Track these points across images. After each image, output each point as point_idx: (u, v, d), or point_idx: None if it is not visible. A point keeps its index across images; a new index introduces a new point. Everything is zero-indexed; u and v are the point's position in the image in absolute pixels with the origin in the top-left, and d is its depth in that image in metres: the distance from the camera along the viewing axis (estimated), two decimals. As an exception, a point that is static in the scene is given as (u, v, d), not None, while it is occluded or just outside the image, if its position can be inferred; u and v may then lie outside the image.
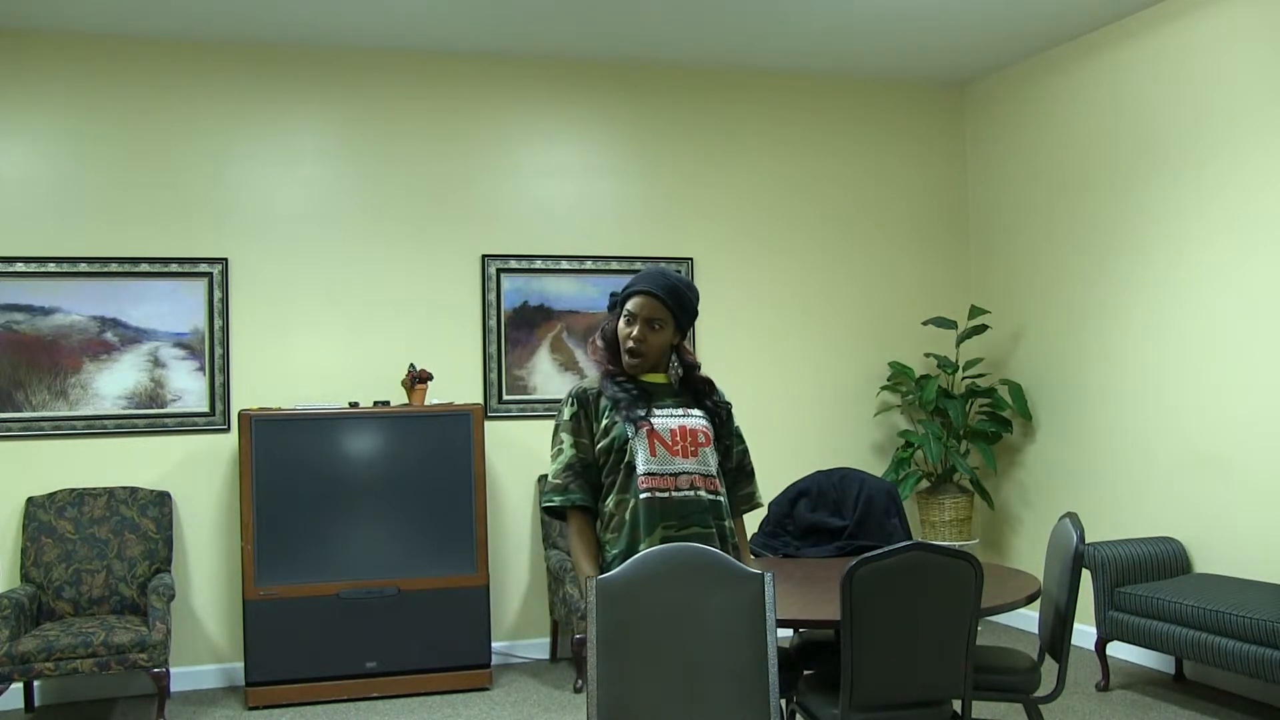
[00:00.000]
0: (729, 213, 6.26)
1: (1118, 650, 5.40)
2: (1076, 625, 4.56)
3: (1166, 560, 5.04)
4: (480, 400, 5.76)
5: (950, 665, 3.03)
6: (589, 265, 5.98)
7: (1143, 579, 4.95)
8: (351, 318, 5.68)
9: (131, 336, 5.39)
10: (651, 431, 2.82)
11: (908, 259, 6.59)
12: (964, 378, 6.38)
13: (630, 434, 2.82)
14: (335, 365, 5.62)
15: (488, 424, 5.66)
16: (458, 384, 5.75)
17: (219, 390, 5.47)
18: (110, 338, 5.37)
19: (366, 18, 5.28)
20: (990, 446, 6.22)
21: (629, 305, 2.89)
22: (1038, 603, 3.70)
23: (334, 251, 5.68)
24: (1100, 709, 4.72)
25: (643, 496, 2.78)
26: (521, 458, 5.83)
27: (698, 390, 3.00)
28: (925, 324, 6.38)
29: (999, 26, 5.65)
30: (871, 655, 2.98)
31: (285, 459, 5.10)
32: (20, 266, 5.27)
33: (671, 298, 2.88)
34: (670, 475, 2.81)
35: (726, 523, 2.89)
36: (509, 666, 5.64)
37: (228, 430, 5.46)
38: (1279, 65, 4.72)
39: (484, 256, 5.86)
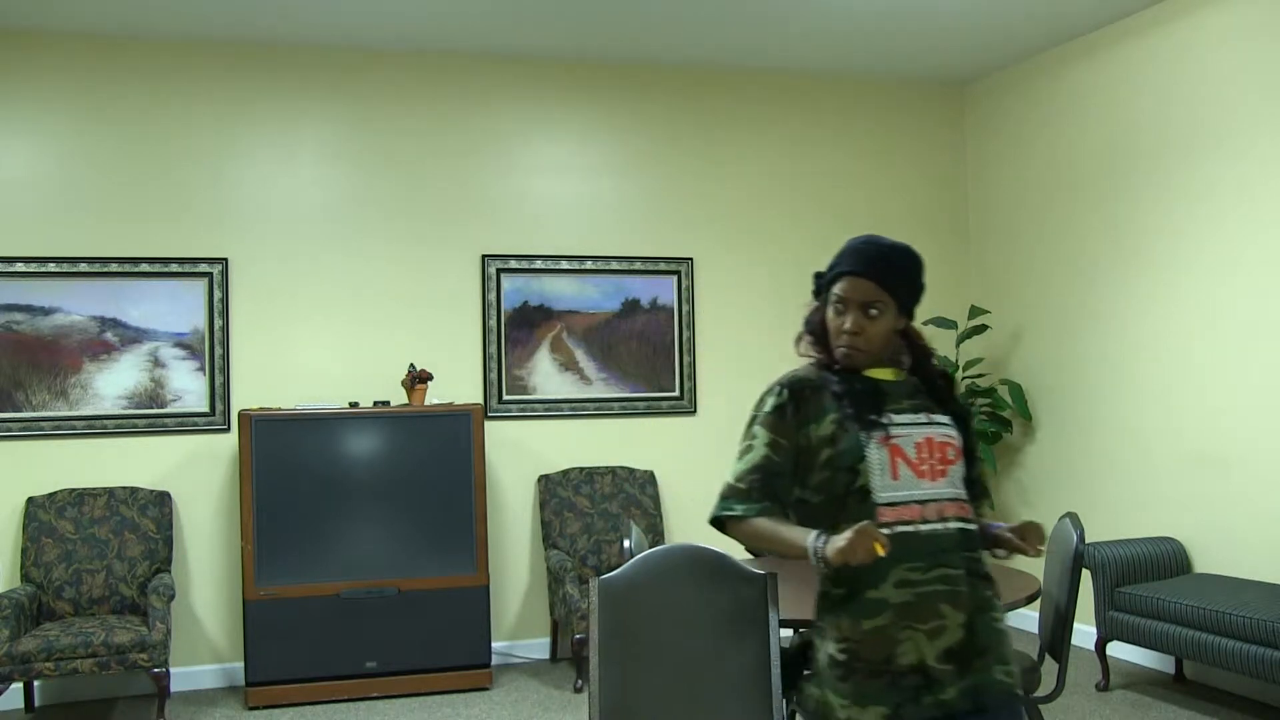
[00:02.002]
0: (729, 212, 6.26)
1: (1118, 650, 5.40)
2: (1076, 625, 4.56)
3: (1166, 560, 5.04)
4: (480, 400, 5.76)
5: (951, 665, 3.02)
6: (589, 265, 5.98)
7: (1143, 579, 4.95)
8: (351, 318, 5.68)
9: (131, 336, 5.39)
10: (893, 447, 2.20)
11: (908, 259, 6.57)
12: (964, 378, 6.38)
13: (864, 448, 2.19)
14: (335, 365, 5.62)
15: (488, 424, 5.66)
16: (458, 384, 5.75)
17: (219, 390, 5.47)
18: (110, 338, 5.37)
19: (366, 18, 5.28)
20: (990, 446, 6.22)
21: (836, 289, 2.33)
22: (1038, 603, 3.70)
23: (334, 251, 5.68)
24: (1100, 709, 4.72)
25: (882, 532, 2.10)
26: (521, 458, 5.83)
27: (936, 388, 2.36)
28: (925, 324, 6.37)
29: (999, 26, 5.65)
30: (872, 655, 2.97)
31: (285, 459, 5.10)
32: (20, 266, 5.27)
33: (889, 275, 2.30)
34: (917, 503, 2.18)
35: (978, 554, 2.24)
36: (509, 666, 5.64)
37: (228, 430, 5.46)
38: (1278, 65, 4.72)
39: (484, 256, 5.86)
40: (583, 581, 5.35)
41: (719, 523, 2.34)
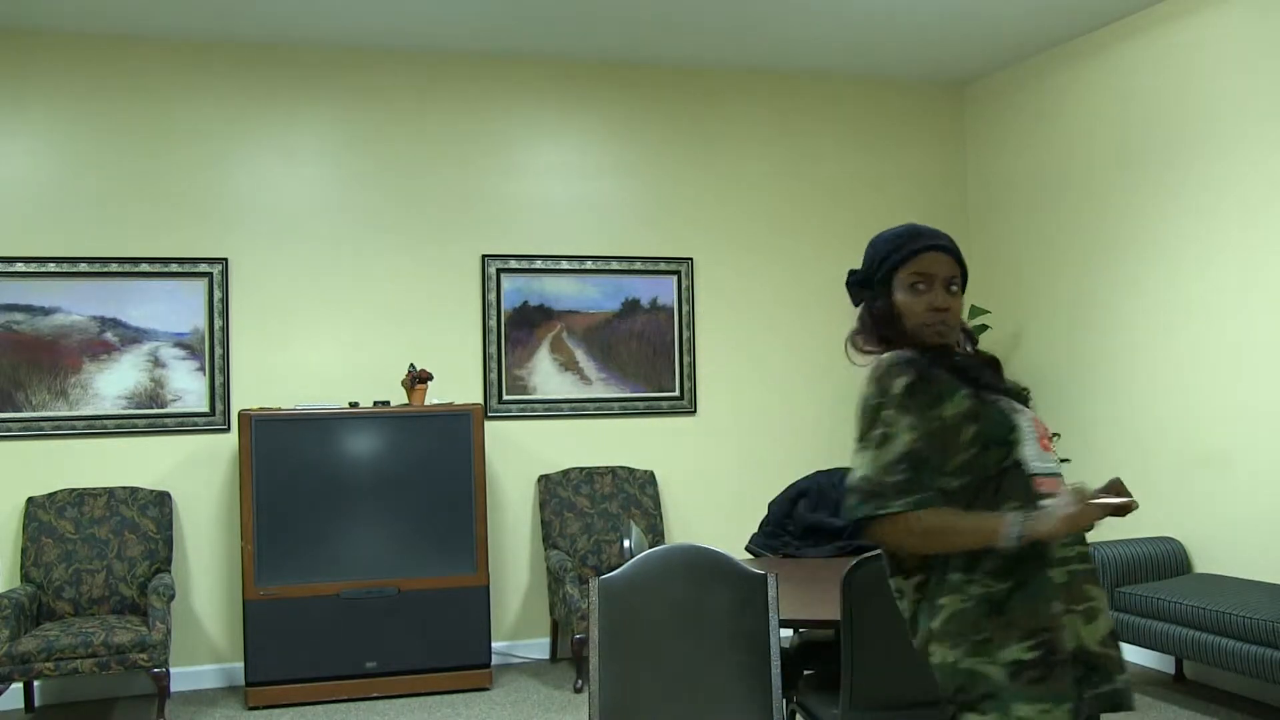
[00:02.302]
0: (729, 213, 6.26)
1: (1118, 650, 5.40)
2: (1076, 625, 4.54)
3: (1166, 560, 5.04)
4: (480, 400, 5.76)
5: (950, 665, 3.02)
6: (589, 265, 5.98)
7: (1143, 579, 4.95)
8: (351, 317, 5.68)
9: (131, 336, 5.39)
10: (1033, 416, 2.13)
11: (908, 259, 6.58)
12: (964, 378, 6.37)
13: (1011, 417, 2.07)
14: (335, 365, 5.62)
15: (488, 424, 5.66)
16: (458, 384, 5.75)
17: (219, 390, 5.47)
18: (110, 338, 5.37)
19: (366, 18, 5.28)
20: (990, 446, 6.22)
21: (916, 267, 2.16)
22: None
23: (334, 251, 5.68)
24: (1100, 709, 4.72)
25: (1044, 504, 1.98)
26: (521, 458, 5.83)
27: (995, 372, 2.27)
28: (925, 324, 6.38)
29: (999, 26, 5.65)
30: (871, 655, 2.98)
31: (285, 459, 5.10)
32: (20, 266, 5.27)
33: (958, 252, 2.21)
34: (1056, 477, 2.08)
35: None
36: (509, 666, 5.64)
37: (228, 430, 5.46)
38: (1278, 64, 4.72)
39: (484, 256, 5.86)
40: (583, 581, 5.35)
41: (865, 525, 2.04)
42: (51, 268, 5.31)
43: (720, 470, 6.12)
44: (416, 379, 5.35)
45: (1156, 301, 5.36)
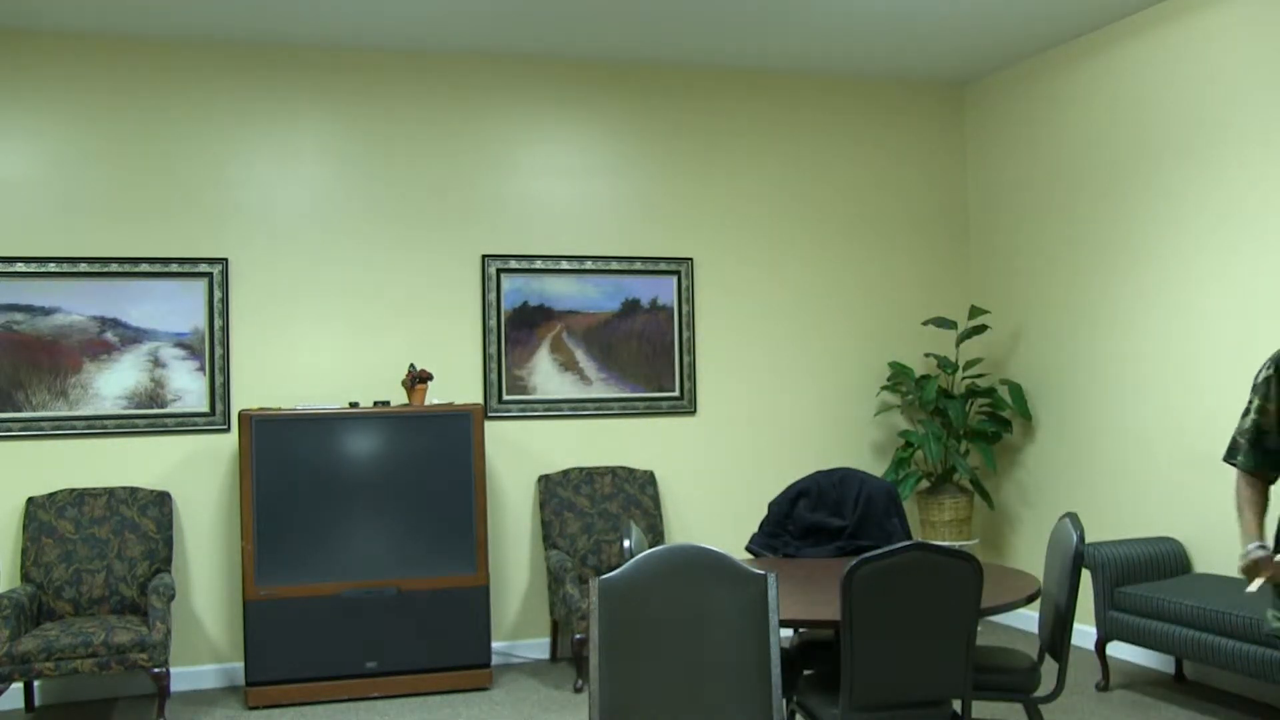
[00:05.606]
0: (729, 213, 6.27)
1: (1118, 650, 5.40)
2: (1076, 625, 4.55)
3: (1166, 560, 5.04)
4: (480, 400, 5.77)
5: (950, 665, 3.03)
6: (589, 265, 5.99)
7: (1143, 579, 4.96)
8: (351, 318, 5.69)
9: (131, 336, 5.39)
10: None
11: (908, 259, 6.59)
12: (964, 378, 6.38)
13: None
14: (335, 365, 5.62)
15: (488, 424, 5.66)
16: (458, 384, 5.75)
17: (219, 390, 5.47)
18: (110, 338, 5.37)
19: (366, 18, 5.29)
20: (990, 446, 6.23)
21: None
22: (1038, 603, 3.71)
23: (334, 251, 5.68)
24: (1100, 709, 4.73)
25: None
26: (521, 458, 5.84)
27: None
28: (925, 324, 6.39)
29: (999, 26, 5.66)
30: (871, 655, 2.98)
31: (285, 459, 5.10)
32: (20, 266, 5.27)
33: None
34: None
35: None
36: (509, 666, 5.64)
37: (228, 430, 5.47)
38: (1277, 65, 4.72)
39: (484, 256, 5.86)
40: (583, 581, 5.36)
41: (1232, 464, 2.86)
42: (51, 268, 5.31)
43: (720, 470, 6.12)
44: (416, 379, 5.35)
45: (1156, 301, 5.36)
